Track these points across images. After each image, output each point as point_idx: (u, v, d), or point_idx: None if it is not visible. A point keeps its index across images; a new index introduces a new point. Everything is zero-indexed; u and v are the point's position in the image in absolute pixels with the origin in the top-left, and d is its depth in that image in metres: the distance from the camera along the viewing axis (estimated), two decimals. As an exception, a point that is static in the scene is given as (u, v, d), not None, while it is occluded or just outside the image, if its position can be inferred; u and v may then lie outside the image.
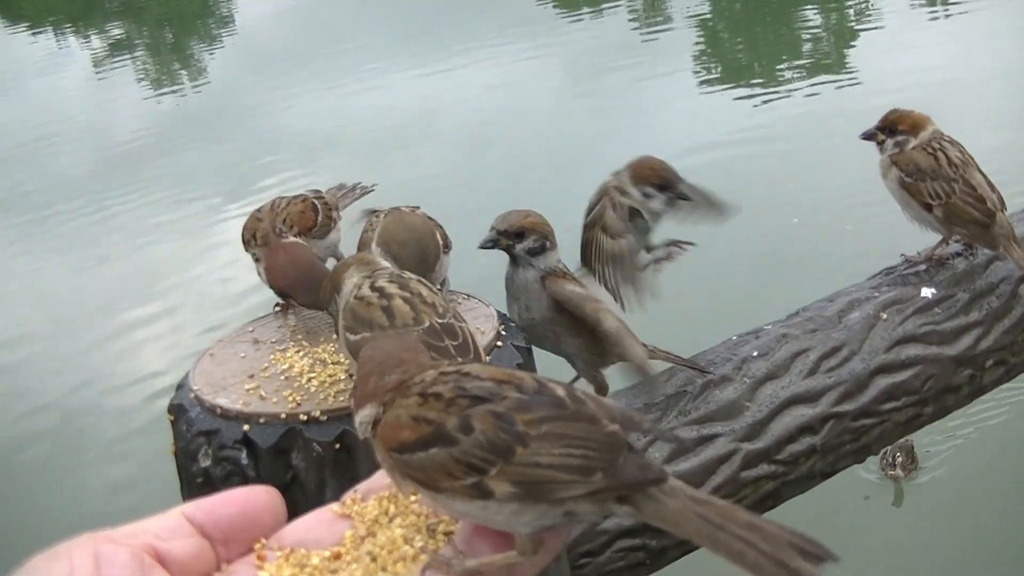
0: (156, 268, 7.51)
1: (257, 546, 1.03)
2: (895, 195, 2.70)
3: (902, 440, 4.50)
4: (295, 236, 2.34)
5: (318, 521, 1.08)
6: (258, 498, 1.04)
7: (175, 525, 0.99)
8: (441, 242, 2.25)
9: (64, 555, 0.92)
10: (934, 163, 2.61)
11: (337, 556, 1.04)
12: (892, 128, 2.68)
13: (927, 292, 2.59)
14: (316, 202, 2.44)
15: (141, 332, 6.70)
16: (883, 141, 2.70)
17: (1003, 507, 4.17)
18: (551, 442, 1.00)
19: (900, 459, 4.47)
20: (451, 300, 2.08)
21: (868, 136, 2.73)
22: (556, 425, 1.01)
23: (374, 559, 1.04)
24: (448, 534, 1.06)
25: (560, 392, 1.04)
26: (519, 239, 2.30)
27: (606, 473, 0.98)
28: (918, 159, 2.62)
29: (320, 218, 2.42)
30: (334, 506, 1.11)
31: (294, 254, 2.29)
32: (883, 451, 4.52)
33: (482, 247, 2.33)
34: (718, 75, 10.84)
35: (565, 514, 1.01)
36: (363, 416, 1.10)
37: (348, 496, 1.11)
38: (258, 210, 2.43)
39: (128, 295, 7.17)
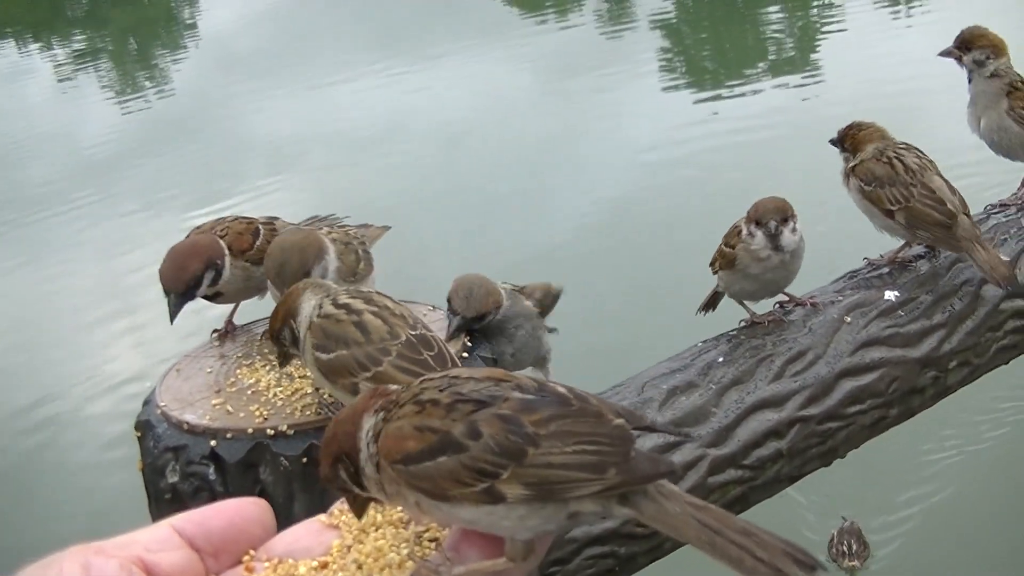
0: (125, 278, 7.45)
1: (246, 557, 1.04)
2: (858, 204, 2.73)
3: (847, 523, 4.41)
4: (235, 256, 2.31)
5: (307, 531, 1.09)
6: (247, 510, 1.05)
7: (164, 537, 1.01)
8: (316, 257, 2.17)
9: (54, 566, 0.93)
10: (890, 171, 2.64)
11: (324, 565, 1.05)
12: (842, 143, 2.75)
13: (890, 295, 2.61)
14: (261, 227, 2.38)
15: (110, 343, 6.66)
16: (842, 152, 2.76)
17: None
18: (562, 440, 0.99)
19: (854, 547, 4.33)
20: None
21: (834, 143, 2.78)
22: (564, 423, 1.00)
23: (360, 567, 1.05)
24: (434, 541, 1.07)
25: (562, 390, 1.04)
26: (482, 320, 2.29)
27: (619, 468, 0.99)
28: (874, 168, 2.66)
29: (259, 242, 2.35)
30: (322, 516, 1.12)
31: (189, 240, 2.28)
32: (830, 538, 4.42)
33: (452, 337, 2.25)
34: (684, 75, 10.88)
35: (569, 516, 1.02)
36: (366, 428, 1.07)
37: (336, 506, 1.12)
38: (199, 226, 2.40)
39: (96, 305, 7.12)
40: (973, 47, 2.92)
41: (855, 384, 2.48)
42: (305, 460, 1.87)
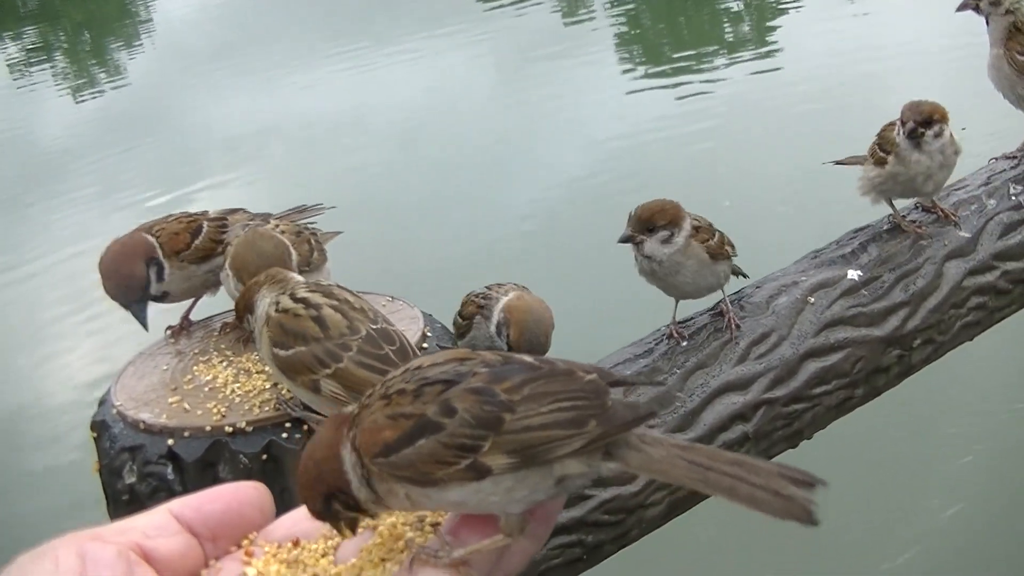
0: (83, 277, 7.36)
1: (245, 542, 1.03)
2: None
3: None
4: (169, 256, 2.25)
5: (306, 516, 1.07)
6: (246, 494, 1.04)
7: (162, 523, 1.00)
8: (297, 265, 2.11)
9: (50, 553, 0.92)
10: None
11: (325, 550, 1.04)
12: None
13: (853, 274, 2.61)
14: (206, 224, 2.29)
15: (68, 344, 6.58)
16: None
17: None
18: (537, 402, 0.99)
19: None
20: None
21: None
22: (536, 385, 1.00)
23: (361, 552, 1.03)
24: (436, 525, 1.06)
25: (527, 358, 1.04)
26: None
27: (598, 419, 0.98)
28: None
29: (200, 241, 2.26)
30: None
31: (115, 247, 2.23)
32: None
33: None
34: (644, 62, 10.87)
35: (557, 481, 1.00)
36: (348, 460, 1.04)
37: None
38: (146, 223, 2.33)
39: (54, 305, 7.04)
40: None
41: (820, 365, 2.48)
42: (265, 457, 1.84)
